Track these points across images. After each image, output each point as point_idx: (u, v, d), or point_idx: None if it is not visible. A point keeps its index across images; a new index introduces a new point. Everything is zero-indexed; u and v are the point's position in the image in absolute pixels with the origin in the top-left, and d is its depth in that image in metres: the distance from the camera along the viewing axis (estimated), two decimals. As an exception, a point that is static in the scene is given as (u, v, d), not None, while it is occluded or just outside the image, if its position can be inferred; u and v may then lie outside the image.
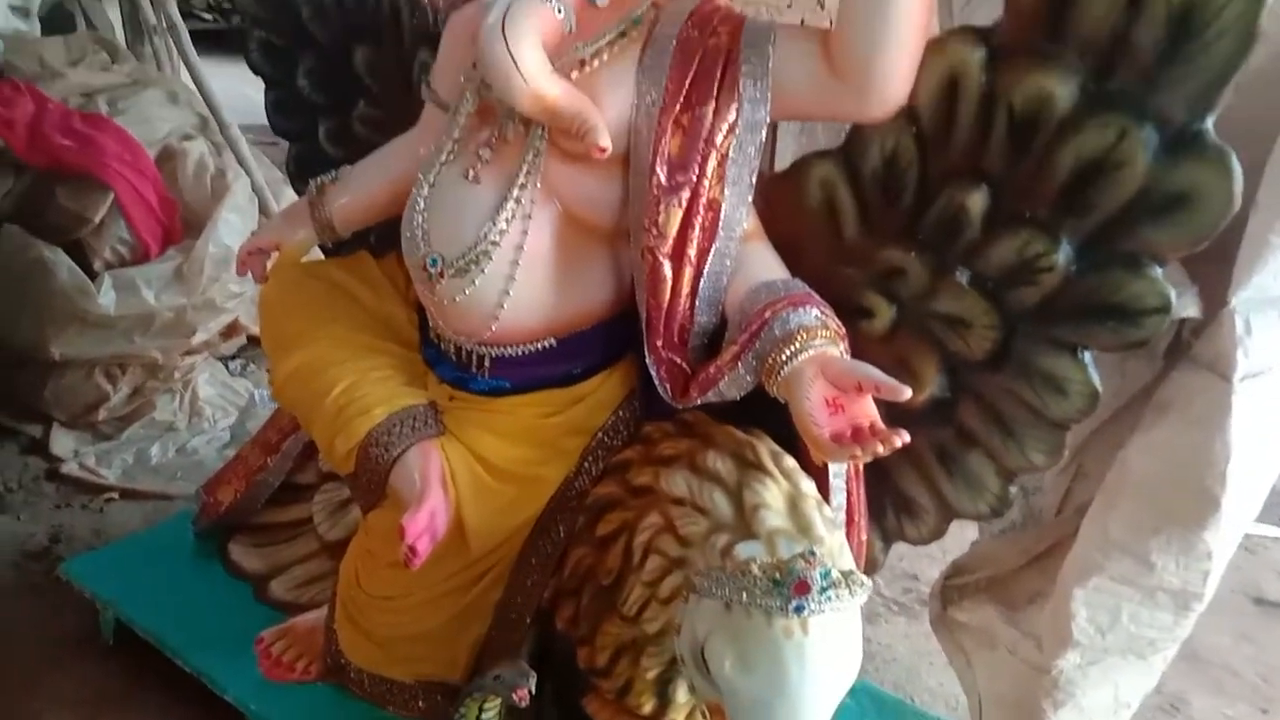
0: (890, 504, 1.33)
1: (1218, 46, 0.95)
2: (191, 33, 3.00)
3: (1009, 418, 1.19)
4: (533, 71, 1.09)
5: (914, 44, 1.05)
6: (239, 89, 2.56)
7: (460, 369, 1.31)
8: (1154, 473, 1.29)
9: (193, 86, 2.81)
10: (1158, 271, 1.05)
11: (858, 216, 1.20)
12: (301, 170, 1.77)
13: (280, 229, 1.50)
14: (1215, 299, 1.20)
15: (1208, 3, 0.94)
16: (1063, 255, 1.08)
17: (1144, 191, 1.02)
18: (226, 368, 2.76)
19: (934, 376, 1.22)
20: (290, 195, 2.90)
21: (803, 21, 3.93)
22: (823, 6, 3.92)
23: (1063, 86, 1.02)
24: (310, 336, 1.37)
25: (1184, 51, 0.97)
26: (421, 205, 1.24)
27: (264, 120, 1.77)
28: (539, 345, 1.26)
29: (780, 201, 1.24)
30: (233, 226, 2.43)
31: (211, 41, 5.53)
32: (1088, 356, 1.12)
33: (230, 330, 2.61)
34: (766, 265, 1.19)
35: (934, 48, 1.08)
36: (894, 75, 1.06)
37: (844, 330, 1.14)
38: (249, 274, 1.52)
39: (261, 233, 1.52)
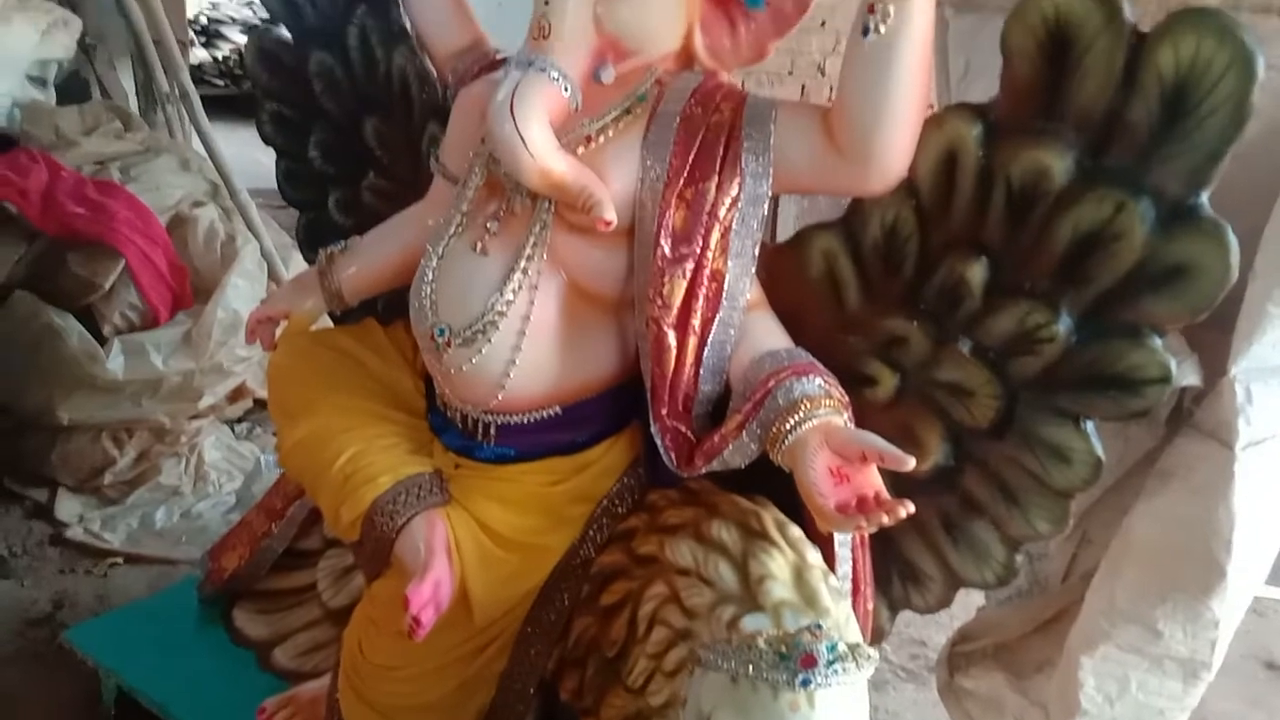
0: (896, 572, 1.32)
1: (1210, 123, 0.97)
2: (203, 98, 3.07)
3: (1013, 486, 1.20)
4: (540, 148, 1.12)
5: (913, 120, 1.07)
6: (250, 154, 2.61)
7: (466, 437, 1.32)
8: (1159, 540, 1.29)
9: (204, 153, 2.87)
10: (1158, 342, 1.06)
11: (859, 286, 1.22)
12: (312, 239, 1.80)
13: (289, 298, 1.52)
14: (1215, 367, 1.21)
15: (1200, 81, 0.96)
16: (1063, 326, 1.09)
17: (1142, 264, 1.04)
18: (232, 431, 2.77)
19: (938, 444, 1.22)
20: (299, 260, 2.94)
21: (803, 89, 4.01)
22: (823, 73, 4.00)
23: (1059, 161, 1.05)
24: (318, 405, 1.38)
25: (1178, 128, 0.99)
26: (430, 276, 1.26)
27: (274, 185, 1.81)
28: (544, 413, 1.27)
29: (782, 271, 1.25)
30: (241, 292, 2.46)
31: (223, 107, 5.64)
32: (1090, 426, 1.13)
33: (237, 394, 2.62)
34: (770, 334, 1.21)
35: (932, 123, 1.10)
36: (893, 151, 1.08)
37: (848, 399, 1.15)
38: (258, 341, 1.54)
39: (271, 301, 1.54)
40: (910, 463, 1.04)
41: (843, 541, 1.20)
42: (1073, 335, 1.09)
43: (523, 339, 1.21)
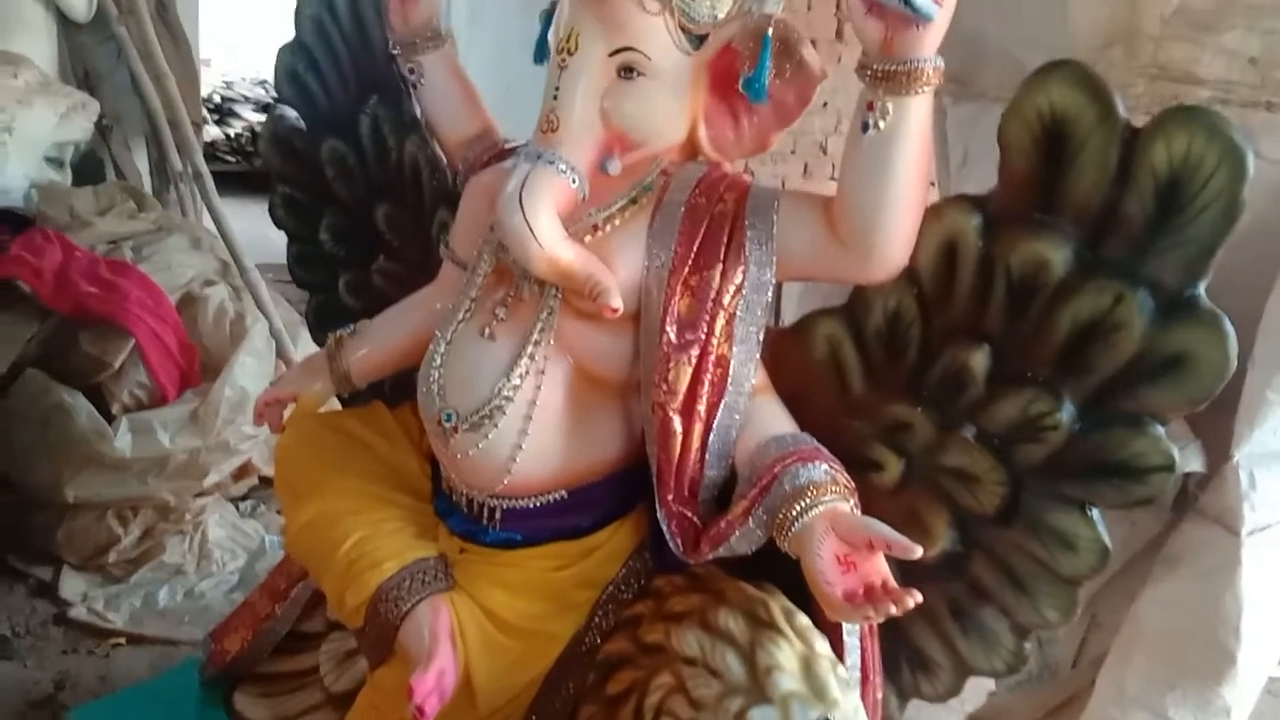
0: (905, 660, 1.31)
1: (1204, 218, 0.99)
2: (215, 174, 3.12)
3: (1022, 573, 1.19)
4: (548, 238, 1.14)
5: (913, 212, 1.09)
6: (260, 229, 2.65)
7: (471, 521, 1.32)
8: (1167, 627, 1.28)
9: (215, 231, 2.91)
10: (1160, 430, 1.07)
11: (863, 371, 1.23)
12: (321, 321, 1.83)
13: (298, 380, 1.54)
14: (1218, 451, 1.22)
15: (1192, 178, 0.99)
16: (1066, 414, 1.10)
17: (1141, 354, 1.05)
18: (237, 509, 2.77)
19: (945, 531, 1.22)
20: (308, 337, 2.97)
21: (806, 168, 4.07)
22: (825, 152, 4.07)
23: (1058, 252, 1.07)
24: (325, 488, 1.39)
25: (1173, 222, 1.01)
26: (438, 361, 1.27)
27: (283, 260, 1.84)
28: (550, 497, 1.28)
29: (787, 355, 1.27)
30: (249, 370, 2.48)
31: (234, 182, 5.75)
32: (1096, 513, 1.13)
33: (242, 471, 2.63)
34: (775, 419, 1.22)
35: (933, 214, 1.12)
36: (894, 241, 1.10)
37: (854, 485, 1.16)
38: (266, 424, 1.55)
39: (280, 384, 1.56)
40: (917, 551, 1.04)
41: (851, 630, 1.19)
42: (1076, 423, 1.10)
43: (529, 423, 1.22)
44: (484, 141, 1.52)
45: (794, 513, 1.10)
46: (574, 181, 1.17)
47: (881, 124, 1.04)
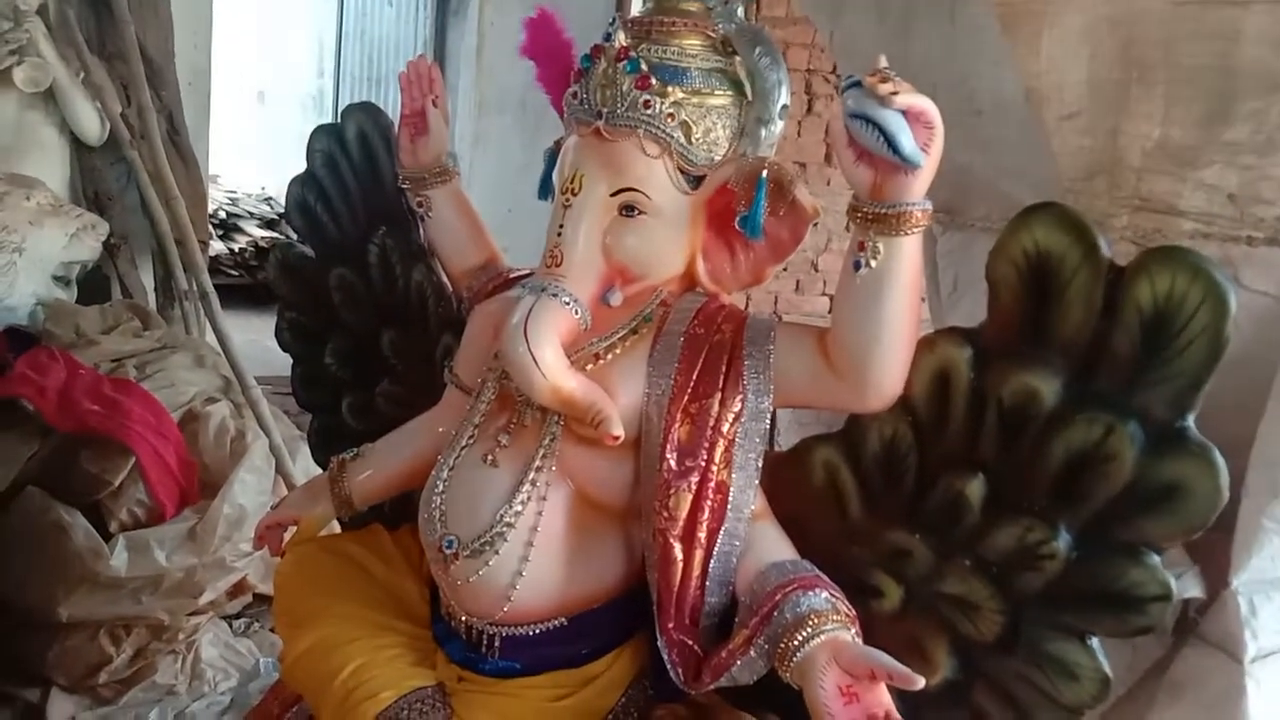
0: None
1: (1190, 353, 1.02)
2: (218, 287, 3.18)
3: (1023, 702, 1.18)
4: (551, 368, 1.17)
5: (906, 345, 1.13)
6: (262, 342, 2.69)
7: (470, 649, 1.32)
8: (1176, 758, 1.27)
9: (219, 348, 2.95)
10: (1157, 559, 1.08)
11: (861, 497, 1.25)
12: (323, 442, 1.84)
13: (299, 504, 1.55)
14: (1217, 575, 1.23)
15: (1176, 314, 1.02)
16: (1063, 543, 1.11)
17: (1134, 484, 1.06)
18: (230, 627, 2.73)
19: (945, 659, 1.22)
20: (308, 452, 2.99)
21: (798, 284, 4.17)
22: (816, 269, 4.17)
23: (1047, 384, 1.09)
24: (323, 614, 1.39)
25: (1159, 357, 1.04)
26: (440, 487, 1.29)
27: (283, 373, 1.86)
28: (550, 625, 1.28)
29: (784, 481, 1.28)
30: (249, 487, 2.49)
31: (238, 296, 5.84)
32: (1096, 643, 1.13)
33: (237, 589, 2.61)
34: (775, 545, 1.23)
35: (925, 345, 1.16)
36: (888, 373, 1.13)
37: (854, 613, 1.16)
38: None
39: (281, 507, 1.57)
40: (920, 682, 1.05)
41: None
42: (1073, 552, 1.11)
43: (530, 550, 1.23)
44: (488, 271, 1.57)
45: (796, 642, 1.11)
46: (576, 313, 1.21)
47: (873, 263, 1.08)
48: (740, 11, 1.28)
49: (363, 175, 1.67)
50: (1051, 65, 1.70)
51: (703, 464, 1.19)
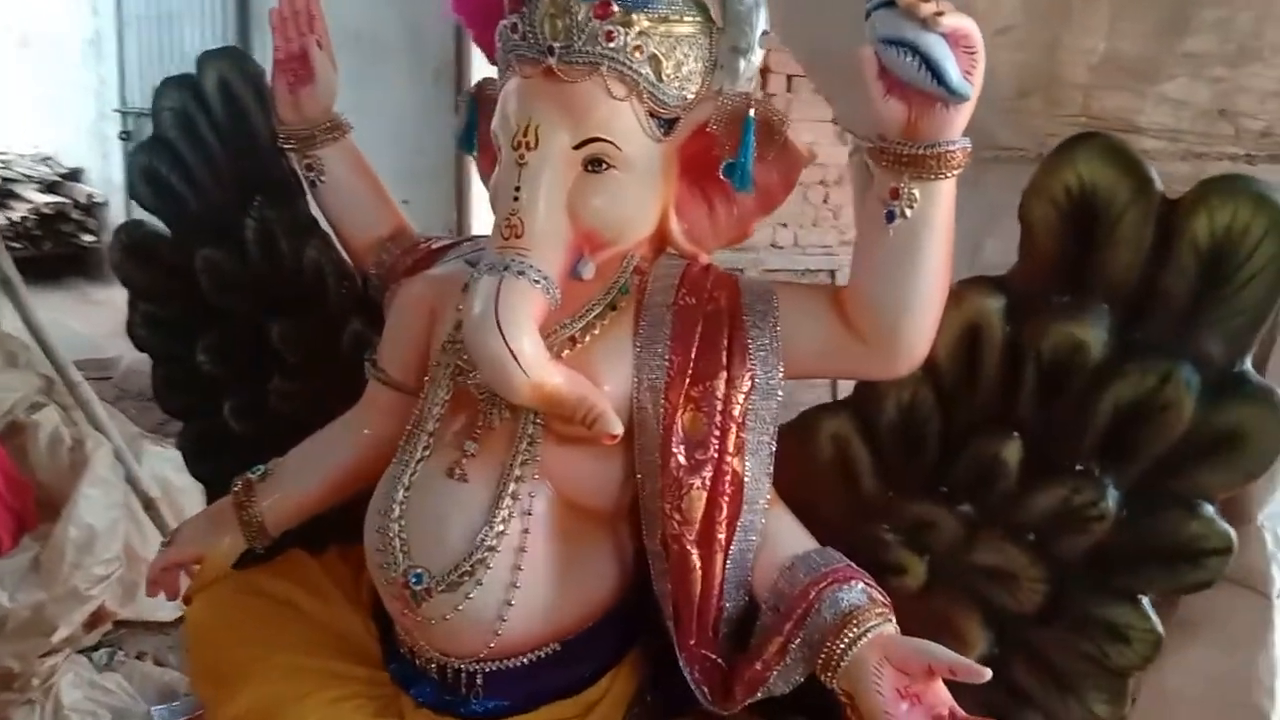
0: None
1: (1250, 289, 0.94)
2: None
3: (1066, 671, 1.11)
4: (532, 363, 0.98)
5: (941, 300, 1.00)
6: (62, 321, 2.33)
7: (445, 690, 1.13)
8: (1197, 694, 1.24)
9: (29, 341, 2.55)
10: (1212, 511, 1.01)
11: (876, 471, 1.13)
12: (201, 451, 1.58)
13: (199, 537, 1.30)
14: (1238, 511, 1.18)
15: (1237, 248, 0.93)
16: (1112, 502, 1.03)
17: (1190, 434, 0.99)
18: (91, 661, 2.40)
19: (979, 634, 1.12)
20: (154, 453, 2.64)
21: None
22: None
23: (1093, 334, 0.99)
24: (257, 669, 1.16)
25: (1217, 295, 0.95)
26: (396, 512, 1.08)
27: (91, 354, 1.59)
28: (542, 653, 1.11)
29: (786, 460, 1.14)
30: (95, 502, 2.16)
31: (23, 271, 5.17)
32: (1147, 602, 1.06)
33: (95, 619, 2.28)
34: (792, 535, 1.09)
35: (950, 299, 1.03)
36: (923, 334, 1.00)
37: (889, 601, 1.05)
38: (160, 591, 1.30)
39: (176, 544, 1.31)
40: (986, 674, 0.95)
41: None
42: (1122, 510, 1.03)
43: (518, 574, 1.05)
44: (399, 242, 1.34)
45: (841, 646, 0.99)
46: (548, 291, 1.02)
47: (908, 212, 0.94)
48: (696, -78, 1.09)
49: (229, 135, 1.40)
50: (981, -23, 1.60)
51: (715, 455, 1.03)
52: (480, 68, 3.60)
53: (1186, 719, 1.25)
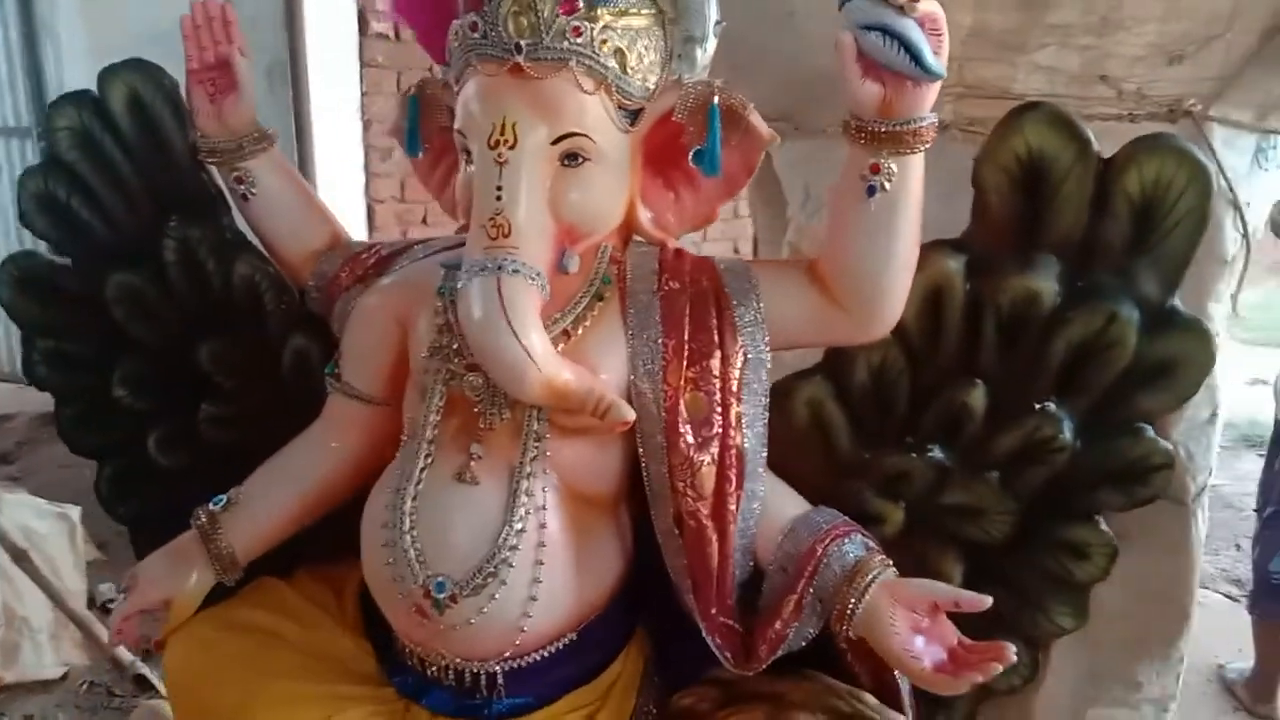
0: (918, 698, 1.30)
1: (1177, 233, 1.07)
2: None
3: (1033, 589, 1.23)
4: (545, 359, 0.99)
5: (913, 266, 1.08)
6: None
7: (462, 695, 1.13)
8: (1129, 603, 1.38)
9: None
10: (1152, 432, 1.14)
11: (850, 430, 1.20)
12: (122, 491, 1.49)
13: (163, 579, 1.23)
14: (1161, 435, 1.33)
15: (1164, 198, 1.06)
16: (1069, 433, 1.14)
17: (1133, 365, 1.11)
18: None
19: (954, 567, 1.23)
20: (12, 501, 2.43)
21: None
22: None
23: (1046, 284, 1.10)
24: (256, 705, 1.11)
25: (1148, 241, 1.08)
26: (407, 524, 1.07)
27: None
28: (559, 645, 1.12)
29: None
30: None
31: None
32: (1101, 519, 1.19)
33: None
34: (785, 498, 1.15)
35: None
36: (898, 298, 1.08)
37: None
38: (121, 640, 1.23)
39: (139, 589, 1.23)
40: (987, 601, 1.04)
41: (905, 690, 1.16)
42: (1077, 440, 1.15)
43: (540, 569, 1.07)
44: (340, 252, 1.31)
45: (855, 595, 1.06)
46: (542, 288, 1.03)
47: (888, 185, 1.01)
48: (640, -86, 1.11)
49: (140, 154, 1.31)
50: (851, -43, 1.69)
51: (719, 430, 1.08)
52: (316, 66, 3.46)
53: (1123, 629, 1.39)
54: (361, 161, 3.61)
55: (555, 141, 1.03)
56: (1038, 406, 1.14)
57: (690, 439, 1.07)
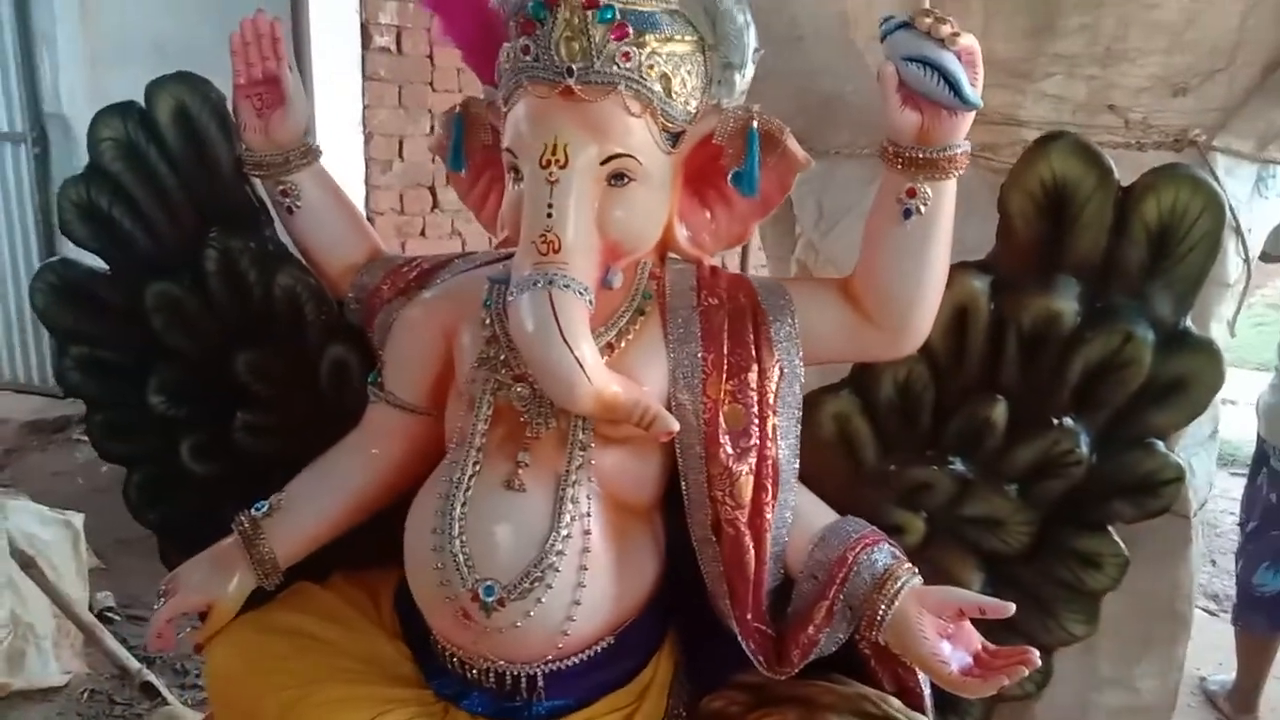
0: (935, 703, 1.35)
1: (1191, 257, 1.13)
2: None
3: (1047, 597, 1.27)
4: (596, 371, 1.03)
5: (943, 285, 1.13)
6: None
7: (503, 698, 1.16)
8: (1128, 609, 1.44)
9: None
10: (1164, 447, 1.20)
11: (876, 443, 1.25)
12: (153, 498, 1.51)
13: (205, 581, 1.25)
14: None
15: (1180, 224, 1.12)
16: (1085, 447, 1.20)
17: (1147, 383, 1.17)
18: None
19: (973, 576, 1.27)
20: (16, 507, 2.43)
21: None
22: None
23: (1066, 305, 1.16)
24: (307, 707, 1.14)
25: (1164, 264, 1.14)
26: (456, 529, 1.10)
27: None
28: (598, 648, 1.16)
29: (793, 439, 1.25)
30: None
31: None
32: (1113, 530, 1.24)
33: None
34: (814, 508, 1.20)
35: (942, 284, 1.17)
36: (929, 315, 1.13)
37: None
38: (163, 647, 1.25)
39: (179, 593, 1.25)
40: (1011, 608, 1.09)
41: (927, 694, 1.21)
42: (1092, 454, 1.20)
43: (584, 574, 1.10)
44: (381, 265, 1.35)
45: (884, 602, 1.11)
46: (590, 303, 1.07)
47: (923, 209, 1.07)
48: (684, -53, 1.16)
49: (184, 166, 1.34)
50: (859, -14, 1.75)
51: (757, 442, 1.12)
52: (320, 78, 3.46)
53: (1123, 635, 1.44)
54: (362, 174, 3.63)
55: (604, 162, 1.07)
56: (1056, 421, 1.19)
57: (729, 450, 1.11)
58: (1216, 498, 4.06)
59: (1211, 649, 2.90)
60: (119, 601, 2.78)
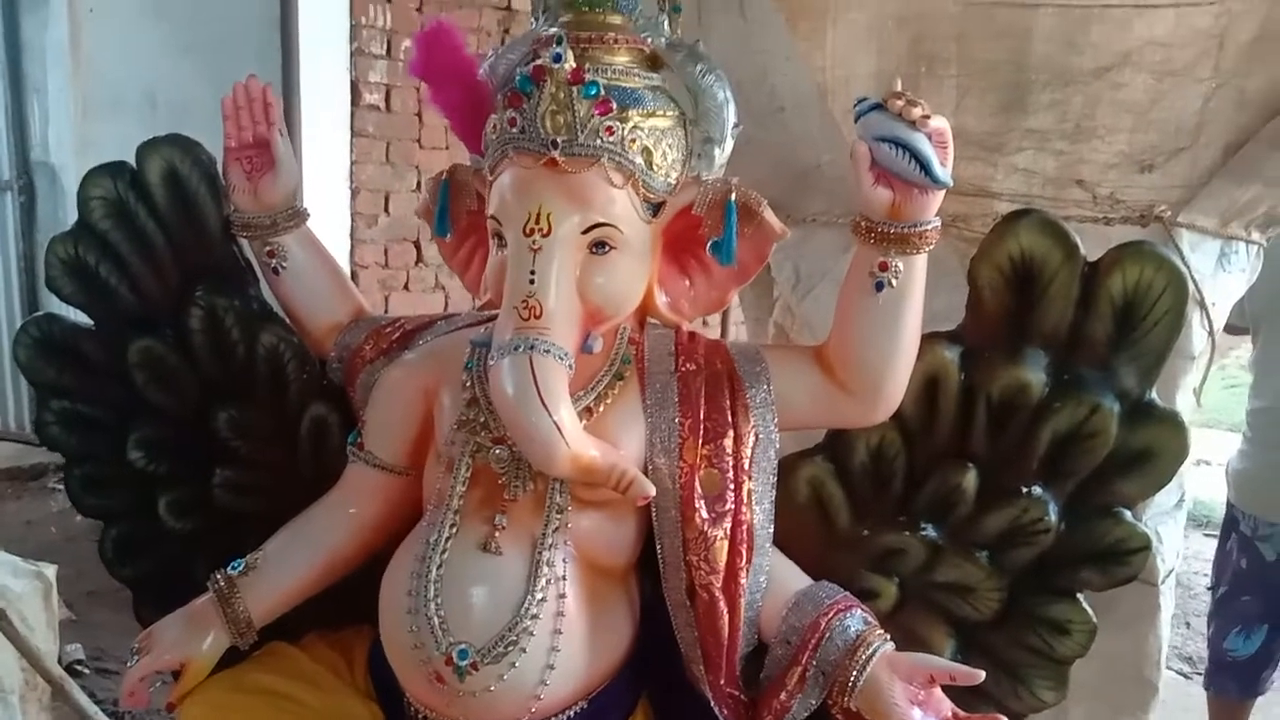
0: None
1: (1156, 332, 1.16)
2: None
3: (1017, 664, 1.29)
4: (574, 435, 1.05)
5: (914, 355, 1.16)
6: None
7: (476, 760, 1.16)
8: (1096, 675, 1.45)
9: None
10: (1131, 516, 1.22)
11: (849, 507, 1.27)
12: (128, 553, 1.50)
13: (178, 641, 1.24)
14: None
15: (1144, 299, 1.15)
16: (1054, 516, 1.22)
17: (1114, 454, 1.19)
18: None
19: (944, 642, 1.29)
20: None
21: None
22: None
23: (1035, 375, 1.18)
24: (274, 768, 1.14)
25: (1129, 338, 1.17)
26: (431, 591, 1.11)
27: None
28: (570, 713, 1.16)
29: (767, 503, 1.27)
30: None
31: None
32: (1082, 598, 1.26)
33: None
34: (787, 572, 1.22)
35: (913, 353, 1.20)
36: (900, 384, 1.16)
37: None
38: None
39: (153, 651, 1.24)
40: (981, 675, 1.11)
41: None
42: (1061, 522, 1.22)
43: (558, 638, 1.11)
44: (362, 325, 1.37)
45: (857, 666, 1.12)
46: (570, 368, 1.09)
47: (894, 282, 1.10)
48: (666, 24, 1.21)
49: (173, 225, 1.36)
50: (837, 60, 1.81)
51: (732, 507, 1.14)
52: (309, 136, 3.50)
53: (1091, 702, 1.45)
54: (348, 228, 3.67)
55: (586, 230, 1.10)
56: (1025, 490, 1.22)
57: (704, 514, 1.12)
58: (1190, 559, 4.09)
59: (1184, 711, 2.90)
60: (88, 654, 2.74)
